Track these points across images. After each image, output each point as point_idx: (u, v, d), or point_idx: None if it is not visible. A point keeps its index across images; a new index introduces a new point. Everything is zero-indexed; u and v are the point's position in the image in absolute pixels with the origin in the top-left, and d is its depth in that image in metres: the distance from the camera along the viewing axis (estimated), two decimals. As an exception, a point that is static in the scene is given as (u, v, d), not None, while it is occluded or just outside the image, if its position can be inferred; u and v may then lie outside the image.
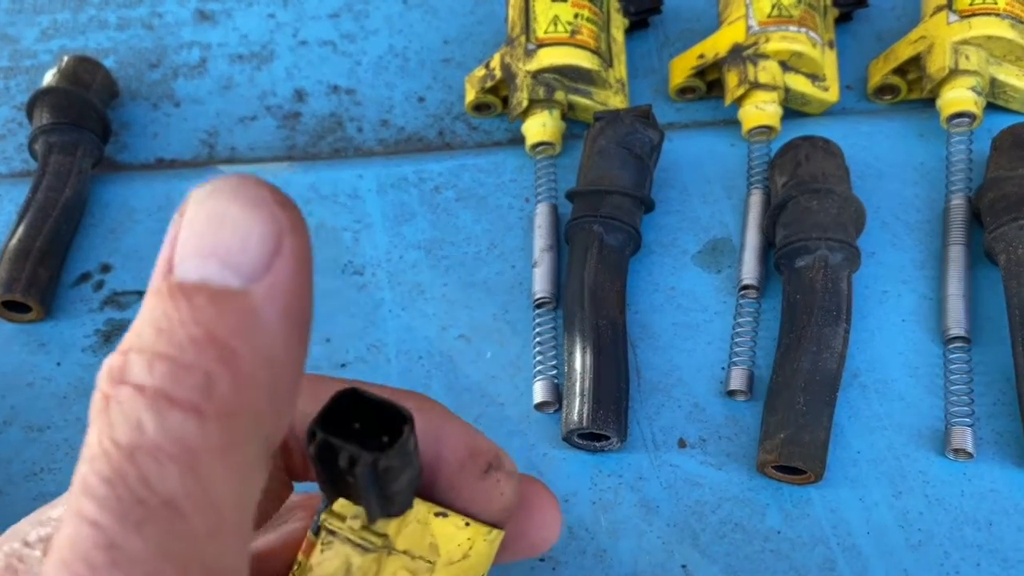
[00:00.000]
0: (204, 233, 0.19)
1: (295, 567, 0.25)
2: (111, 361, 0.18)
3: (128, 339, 0.18)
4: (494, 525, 0.26)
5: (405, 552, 0.25)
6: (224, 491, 0.18)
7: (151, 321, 0.18)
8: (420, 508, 0.25)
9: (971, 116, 0.46)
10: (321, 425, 0.21)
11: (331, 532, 0.24)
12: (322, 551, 0.25)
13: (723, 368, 0.42)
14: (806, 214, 0.42)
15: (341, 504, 0.24)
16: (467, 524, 0.25)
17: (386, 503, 0.23)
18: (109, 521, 0.17)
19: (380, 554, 0.24)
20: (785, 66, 0.48)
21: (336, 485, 0.22)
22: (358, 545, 0.24)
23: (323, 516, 0.24)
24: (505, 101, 0.51)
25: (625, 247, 0.43)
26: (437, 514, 0.25)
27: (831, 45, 0.50)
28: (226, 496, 0.18)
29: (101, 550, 0.17)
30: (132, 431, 0.17)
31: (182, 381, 0.18)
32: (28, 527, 0.23)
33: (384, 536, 0.24)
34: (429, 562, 0.25)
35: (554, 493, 0.27)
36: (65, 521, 0.17)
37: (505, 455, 0.25)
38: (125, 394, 0.18)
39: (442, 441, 0.25)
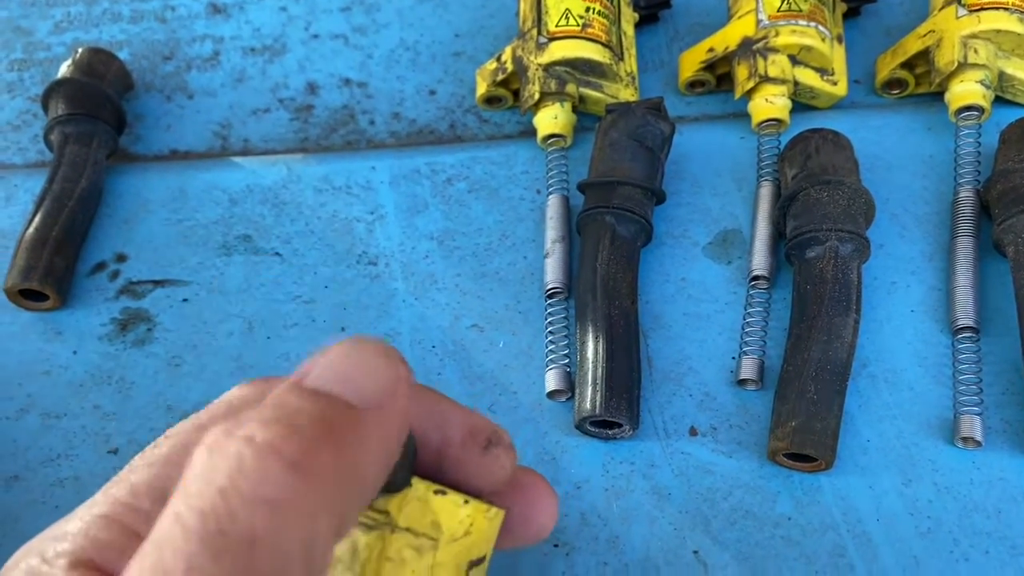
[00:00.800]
0: (338, 365, 0.22)
1: None
2: (224, 423, 0.21)
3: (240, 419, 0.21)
4: (493, 503, 0.27)
5: (408, 529, 0.25)
6: (296, 544, 0.20)
7: (270, 406, 0.21)
8: (419, 486, 0.26)
9: (980, 109, 0.47)
10: None
11: None
12: None
13: (733, 358, 0.42)
14: (816, 205, 0.42)
15: None
16: (466, 502, 0.26)
17: (388, 477, 0.24)
18: (193, 547, 0.19)
19: (383, 531, 0.25)
20: (794, 60, 0.49)
21: None
22: (361, 524, 0.25)
23: None
24: (516, 94, 0.51)
25: (637, 238, 0.43)
26: (436, 492, 0.26)
27: (840, 39, 0.51)
28: (296, 550, 0.20)
29: (181, 570, 0.19)
30: (232, 472, 0.20)
31: (291, 439, 0.20)
32: (46, 543, 0.24)
33: (386, 513, 0.25)
34: (432, 539, 0.26)
35: (549, 482, 0.29)
36: (149, 547, 0.19)
37: (502, 431, 0.28)
38: (233, 443, 0.20)
39: (445, 423, 0.27)
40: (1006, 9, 0.46)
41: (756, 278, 0.44)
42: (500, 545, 0.29)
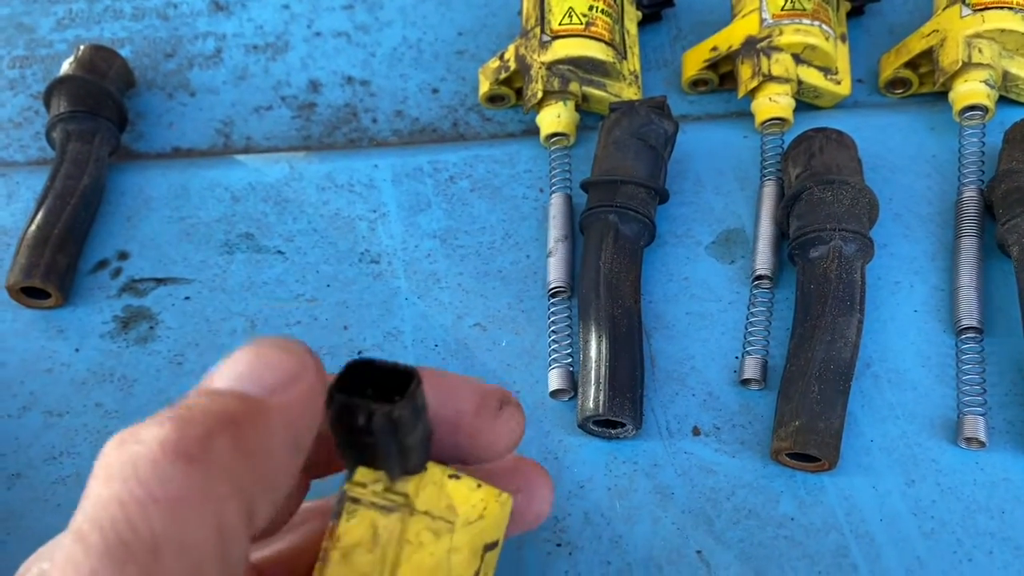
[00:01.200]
0: (238, 364, 0.22)
1: (319, 556, 0.25)
2: (120, 432, 0.20)
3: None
4: (505, 486, 0.28)
5: (426, 513, 0.26)
6: (204, 540, 0.19)
7: (166, 410, 0.21)
8: (435, 470, 0.26)
9: (984, 109, 0.46)
10: (338, 390, 0.23)
11: (355, 500, 0.26)
12: (348, 520, 0.26)
13: (736, 357, 0.42)
14: (820, 205, 0.42)
15: (362, 473, 0.26)
16: (479, 486, 0.27)
17: (404, 458, 0.25)
18: (95, 562, 0.18)
19: (403, 514, 0.25)
20: (798, 59, 0.49)
21: (356, 449, 0.24)
22: (382, 507, 0.26)
23: (346, 487, 0.26)
24: (519, 93, 0.51)
25: (640, 237, 0.43)
26: (451, 476, 0.26)
27: (843, 38, 0.51)
28: (206, 547, 0.19)
29: None
30: (127, 478, 0.19)
31: (185, 433, 0.20)
32: (32, 563, 0.24)
33: (404, 496, 0.26)
34: (449, 522, 0.26)
35: (546, 470, 0.30)
36: (55, 566, 0.19)
37: (508, 392, 0.28)
38: (127, 448, 0.20)
39: (455, 397, 0.27)
40: (1011, 9, 0.46)
41: (759, 277, 0.44)
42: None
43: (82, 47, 0.51)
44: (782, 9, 0.48)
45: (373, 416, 0.23)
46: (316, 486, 0.28)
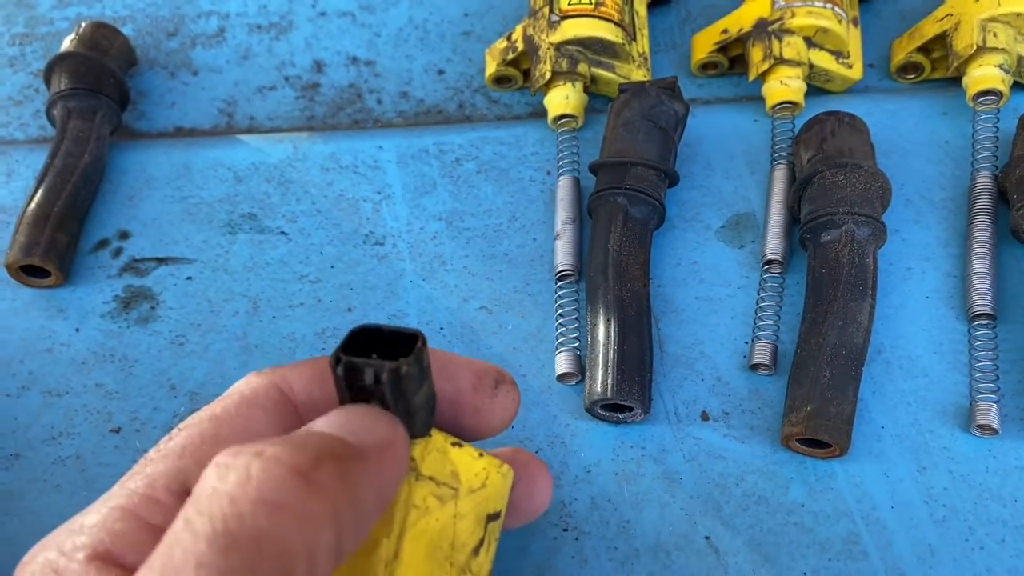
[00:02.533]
0: (341, 418, 0.24)
1: None
2: (233, 447, 0.22)
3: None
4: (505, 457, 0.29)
5: (431, 478, 0.26)
6: (298, 551, 0.21)
7: (278, 438, 0.23)
8: (438, 438, 0.27)
9: (998, 94, 0.46)
10: (344, 352, 0.24)
11: None
12: None
13: (746, 342, 0.42)
14: (832, 189, 0.42)
15: None
16: (481, 455, 0.27)
17: (410, 420, 0.25)
18: (202, 546, 0.20)
19: (409, 478, 0.26)
20: (809, 42, 0.48)
21: None
22: None
23: None
24: (526, 74, 0.50)
25: (649, 220, 0.43)
26: (454, 444, 0.27)
27: (855, 22, 0.50)
28: (299, 557, 0.21)
29: (191, 567, 0.20)
30: (240, 479, 0.21)
31: (296, 453, 0.22)
32: (64, 536, 0.24)
33: (412, 460, 0.26)
34: (453, 488, 0.27)
35: (545, 462, 0.31)
36: (162, 547, 0.21)
37: (504, 370, 0.30)
38: (242, 457, 0.22)
39: (454, 375, 0.28)
40: (1026, -8, 0.45)
41: (770, 262, 0.43)
42: (503, 524, 0.30)
43: (83, 24, 0.50)
44: (794, -9, 0.48)
45: (381, 374, 0.24)
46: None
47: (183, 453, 0.25)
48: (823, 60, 0.48)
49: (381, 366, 0.24)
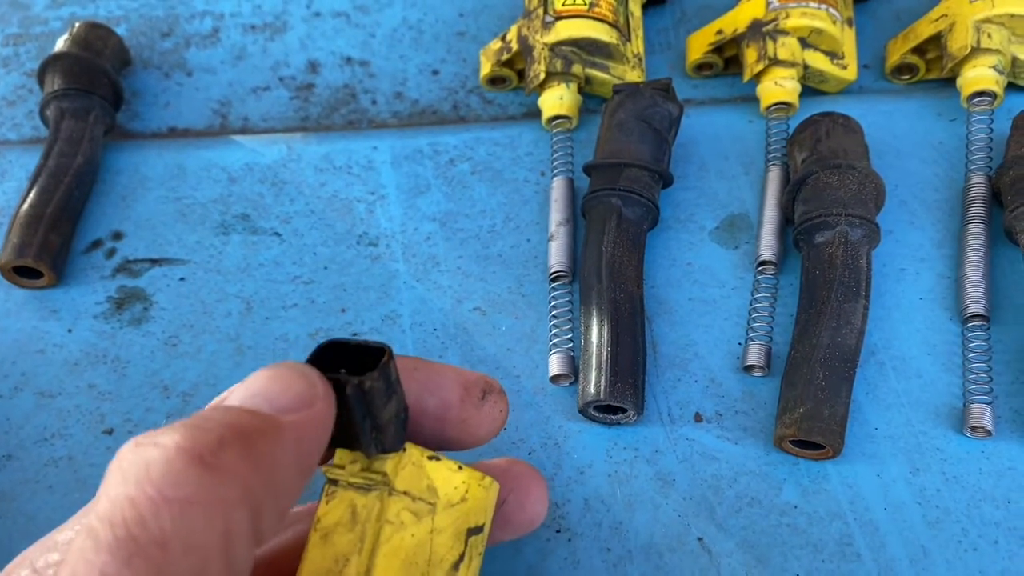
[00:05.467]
0: (254, 385, 0.23)
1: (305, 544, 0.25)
2: (136, 437, 0.21)
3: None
4: (490, 473, 0.28)
5: (406, 493, 0.26)
6: (210, 542, 0.20)
7: (181, 420, 0.22)
8: (413, 451, 0.26)
9: (992, 95, 0.46)
10: (311, 365, 0.24)
11: (333, 482, 0.26)
12: (327, 502, 0.26)
13: (740, 344, 0.42)
14: (826, 190, 0.42)
15: (340, 455, 0.26)
16: (460, 468, 0.27)
17: (379, 435, 0.25)
18: (104, 556, 0.19)
19: (382, 493, 0.25)
20: (804, 43, 0.48)
21: (333, 430, 0.24)
22: (359, 486, 0.26)
23: (324, 468, 0.26)
24: (520, 75, 0.50)
25: (643, 220, 0.43)
26: (430, 457, 0.26)
27: (850, 23, 0.50)
28: (212, 548, 0.20)
29: None
30: (140, 478, 0.20)
31: (198, 439, 0.20)
32: (38, 553, 0.24)
33: (383, 475, 0.25)
34: (430, 503, 0.26)
35: (540, 472, 0.30)
36: (64, 561, 0.20)
37: (492, 379, 0.29)
38: (141, 450, 0.21)
39: (439, 387, 0.28)
40: (1020, -7, 0.45)
41: (764, 263, 0.43)
42: (496, 538, 0.29)
43: (77, 24, 0.50)
44: (789, -8, 0.48)
45: (345, 388, 0.23)
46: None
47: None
48: (817, 61, 0.48)
49: (345, 380, 0.23)
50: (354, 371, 0.24)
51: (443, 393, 0.28)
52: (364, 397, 0.24)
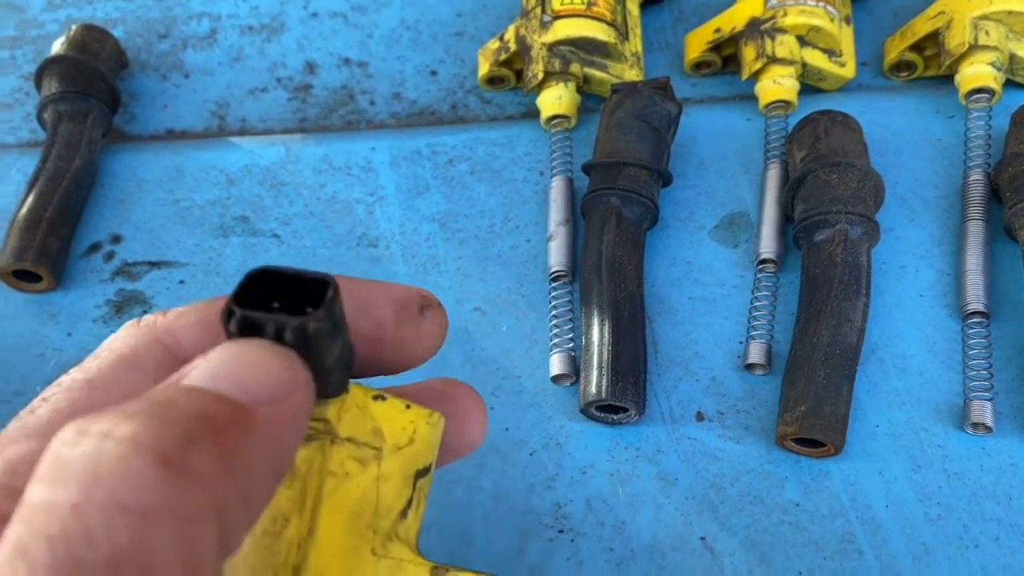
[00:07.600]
0: (222, 363, 0.19)
1: None
2: (74, 423, 0.17)
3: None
4: (434, 407, 0.25)
5: (349, 439, 0.23)
6: (174, 558, 0.16)
7: (138, 399, 0.17)
8: (357, 392, 0.23)
9: (990, 92, 0.46)
10: (238, 302, 0.19)
11: None
12: None
13: (740, 342, 0.42)
14: (826, 188, 0.42)
15: None
16: (408, 407, 0.24)
17: (322, 380, 0.21)
18: None
19: (323, 442, 0.22)
20: (802, 41, 0.48)
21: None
22: None
23: None
24: (518, 75, 0.50)
25: (643, 220, 0.43)
26: (375, 398, 0.23)
27: (848, 20, 0.50)
28: (175, 564, 0.16)
29: None
30: (86, 478, 0.16)
31: (160, 431, 0.16)
32: None
33: (324, 422, 0.22)
34: (375, 448, 0.23)
35: (480, 395, 0.27)
36: None
37: (427, 292, 0.25)
38: (89, 441, 0.16)
39: (372, 307, 0.24)
40: (1018, -10, 0.46)
41: (764, 261, 0.43)
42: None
43: (74, 27, 0.50)
44: (786, -10, 0.48)
45: (284, 331, 0.19)
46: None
47: (49, 431, 0.18)
48: (816, 59, 0.48)
49: (284, 322, 0.19)
50: (290, 307, 0.20)
51: (377, 312, 0.24)
52: (308, 341, 0.20)
